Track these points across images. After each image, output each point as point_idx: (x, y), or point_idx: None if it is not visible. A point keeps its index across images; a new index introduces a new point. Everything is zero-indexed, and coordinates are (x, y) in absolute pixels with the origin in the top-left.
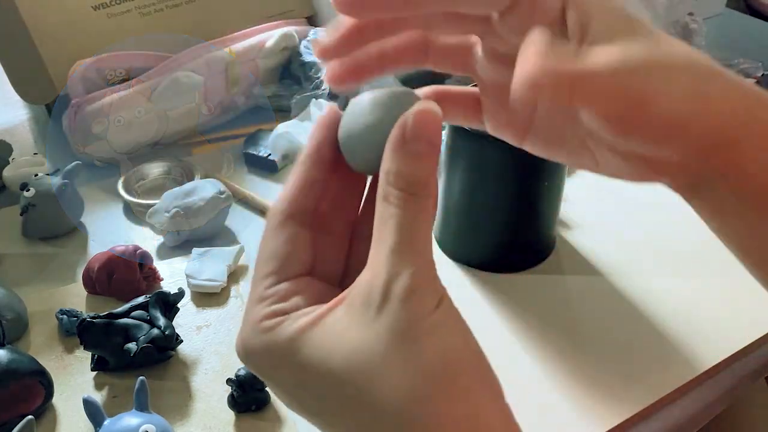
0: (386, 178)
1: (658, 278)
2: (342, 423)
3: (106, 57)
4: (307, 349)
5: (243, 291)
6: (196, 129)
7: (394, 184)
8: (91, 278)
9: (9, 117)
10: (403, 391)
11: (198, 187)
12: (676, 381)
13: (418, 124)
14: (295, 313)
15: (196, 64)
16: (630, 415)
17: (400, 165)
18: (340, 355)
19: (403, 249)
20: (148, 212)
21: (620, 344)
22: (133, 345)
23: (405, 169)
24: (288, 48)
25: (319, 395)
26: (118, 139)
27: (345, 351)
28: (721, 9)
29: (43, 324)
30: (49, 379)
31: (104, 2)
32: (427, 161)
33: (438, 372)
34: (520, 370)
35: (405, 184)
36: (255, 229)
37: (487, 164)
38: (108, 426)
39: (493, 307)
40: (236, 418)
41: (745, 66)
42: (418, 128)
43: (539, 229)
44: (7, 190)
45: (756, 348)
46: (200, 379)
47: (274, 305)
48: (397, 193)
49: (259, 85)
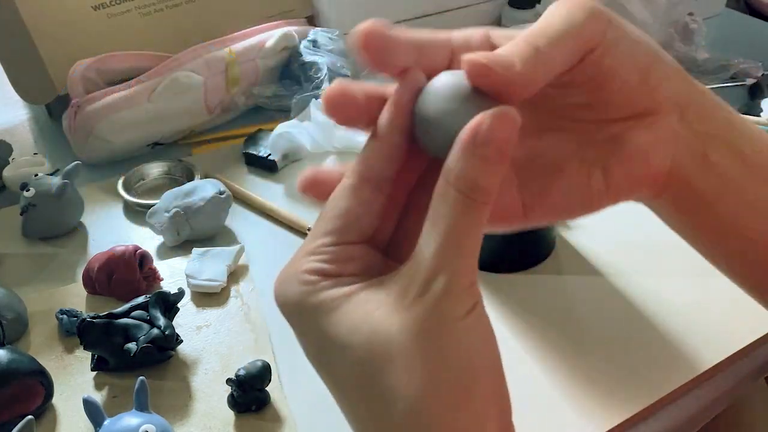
0: (448, 174)
1: (658, 278)
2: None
3: (106, 57)
4: (336, 317)
5: (243, 291)
6: (196, 129)
7: (455, 184)
8: (91, 278)
9: (9, 117)
10: (414, 386)
11: (198, 187)
12: (676, 381)
13: (494, 128)
14: (338, 279)
15: (196, 64)
16: (630, 415)
17: (465, 166)
18: (365, 333)
19: (449, 251)
20: (148, 212)
21: (620, 344)
22: (133, 345)
23: (469, 172)
24: (288, 48)
25: (339, 368)
26: (118, 139)
27: (370, 330)
28: (721, 9)
29: (43, 324)
30: (49, 379)
31: (104, 2)
32: (493, 168)
33: (454, 376)
34: (520, 370)
35: (465, 187)
36: (255, 229)
37: None
38: (108, 426)
39: (493, 307)
40: (236, 418)
41: (745, 66)
42: (493, 133)
43: (539, 229)
44: (7, 190)
45: (756, 348)
46: (200, 379)
47: (323, 264)
48: (455, 194)
49: (259, 85)
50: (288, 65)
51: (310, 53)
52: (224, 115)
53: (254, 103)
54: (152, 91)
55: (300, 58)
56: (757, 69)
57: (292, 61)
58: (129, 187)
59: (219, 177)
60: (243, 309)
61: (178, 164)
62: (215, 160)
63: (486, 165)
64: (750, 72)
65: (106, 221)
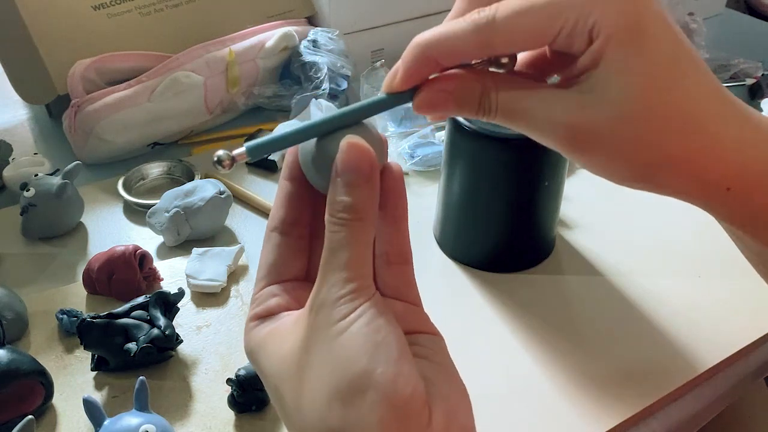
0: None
1: (658, 278)
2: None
3: (106, 57)
4: (263, 352)
5: (243, 291)
6: (196, 129)
7: (328, 209)
8: (91, 278)
9: (9, 117)
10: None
11: (198, 187)
12: (676, 381)
13: (345, 158)
14: (271, 318)
15: (196, 64)
16: (630, 415)
17: (334, 193)
18: (272, 361)
19: (327, 266)
20: (148, 212)
21: (620, 344)
22: (133, 345)
23: (337, 197)
24: (288, 48)
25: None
26: (118, 139)
27: (275, 357)
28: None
29: (43, 324)
30: (49, 379)
31: (104, 2)
32: (358, 190)
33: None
34: (520, 370)
35: (335, 210)
36: (255, 229)
37: (487, 164)
38: (108, 426)
39: (493, 307)
40: (236, 418)
41: (745, 66)
42: (347, 162)
43: (539, 229)
44: (7, 190)
45: (756, 348)
46: (200, 379)
47: (257, 308)
48: (329, 218)
49: (259, 85)
50: (288, 65)
51: (310, 53)
52: (224, 115)
53: (254, 103)
54: (152, 91)
55: (300, 58)
56: (757, 69)
57: (292, 61)
58: (129, 187)
59: (219, 177)
60: (243, 309)
61: (178, 164)
62: None
63: (351, 189)
64: (750, 72)
65: (106, 221)
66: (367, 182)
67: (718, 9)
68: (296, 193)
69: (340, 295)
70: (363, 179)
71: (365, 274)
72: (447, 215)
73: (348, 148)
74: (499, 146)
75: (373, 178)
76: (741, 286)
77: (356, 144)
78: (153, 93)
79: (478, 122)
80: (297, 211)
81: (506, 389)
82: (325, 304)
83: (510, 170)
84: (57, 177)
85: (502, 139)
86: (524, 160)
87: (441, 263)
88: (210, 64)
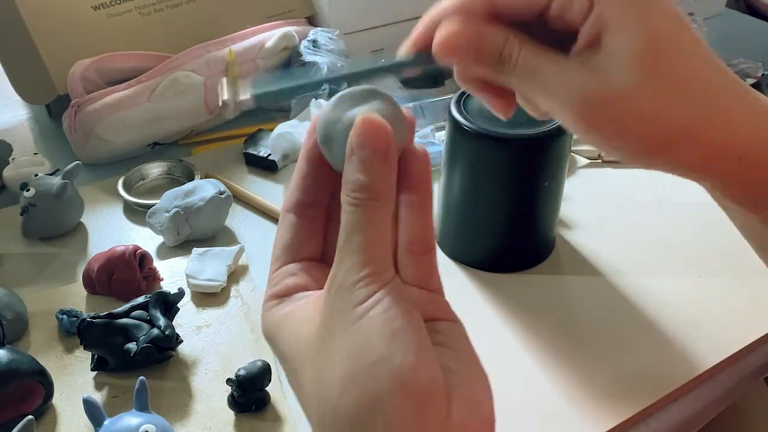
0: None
1: (658, 278)
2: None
3: (106, 57)
4: (281, 334)
5: (243, 291)
6: (196, 129)
7: (344, 189)
8: (91, 278)
9: (9, 117)
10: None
11: (198, 187)
12: (676, 381)
13: (359, 134)
14: (289, 297)
15: (196, 64)
16: (630, 415)
17: (349, 172)
18: (290, 344)
19: (343, 249)
20: (148, 212)
21: (620, 344)
22: (133, 345)
23: (352, 176)
24: (288, 48)
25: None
26: (118, 139)
27: (293, 340)
28: (721, 9)
29: (43, 324)
30: (49, 379)
31: (104, 2)
32: (372, 168)
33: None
34: (520, 370)
35: (351, 190)
36: (255, 229)
37: (487, 164)
38: (108, 426)
39: (493, 307)
40: (236, 418)
41: (745, 66)
42: (361, 138)
43: (539, 229)
44: (7, 190)
45: (756, 348)
46: (200, 379)
47: (275, 287)
48: (344, 198)
49: None
50: (288, 65)
51: (310, 53)
52: None
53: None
54: (152, 91)
55: (300, 58)
56: (757, 69)
57: (292, 61)
58: (129, 187)
59: (219, 177)
60: (243, 309)
61: (178, 164)
62: (215, 160)
63: (366, 166)
64: (750, 72)
65: (106, 221)
66: (383, 160)
67: (718, 9)
68: (313, 174)
69: (356, 279)
70: (379, 157)
71: (382, 256)
72: (447, 215)
73: (362, 124)
74: (499, 146)
75: (390, 156)
76: (741, 286)
77: (371, 119)
78: (153, 93)
79: (478, 122)
80: (313, 192)
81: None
82: (342, 288)
83: (510, 170)
84: (57, 177)
85: (502, 139)
86: (524, 160)
87: (441, 263)
88: (210, 64)
